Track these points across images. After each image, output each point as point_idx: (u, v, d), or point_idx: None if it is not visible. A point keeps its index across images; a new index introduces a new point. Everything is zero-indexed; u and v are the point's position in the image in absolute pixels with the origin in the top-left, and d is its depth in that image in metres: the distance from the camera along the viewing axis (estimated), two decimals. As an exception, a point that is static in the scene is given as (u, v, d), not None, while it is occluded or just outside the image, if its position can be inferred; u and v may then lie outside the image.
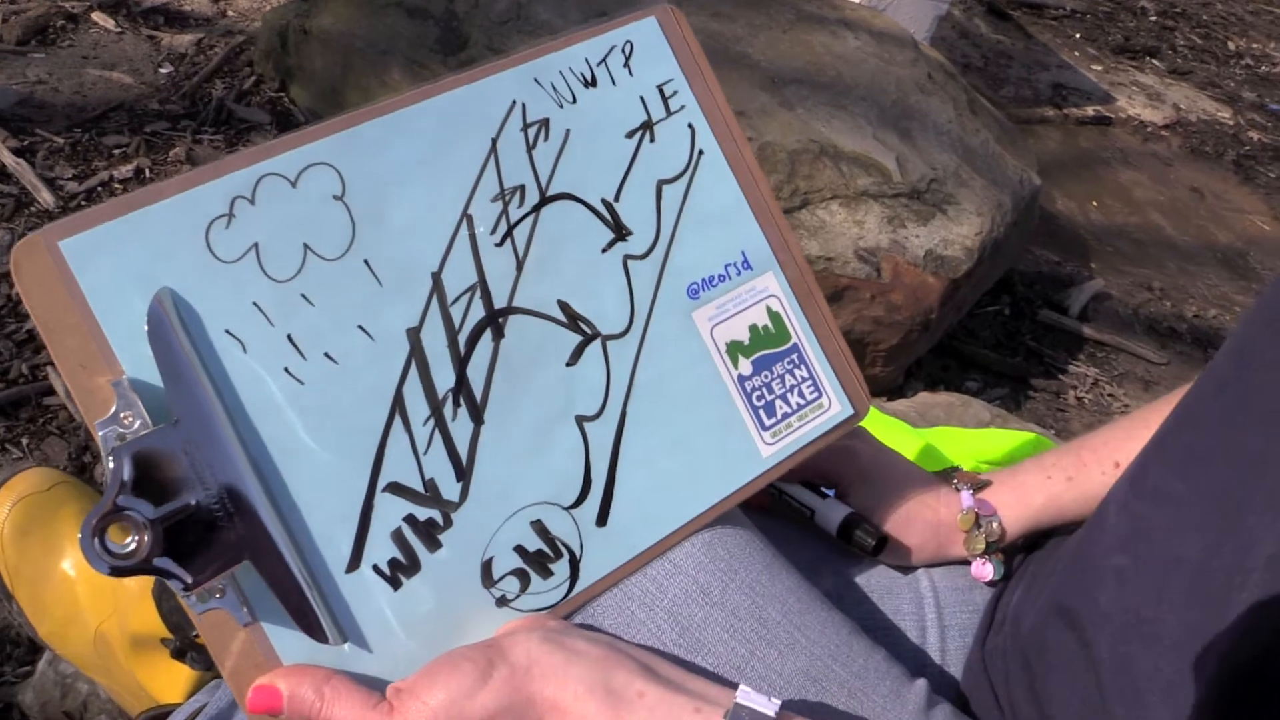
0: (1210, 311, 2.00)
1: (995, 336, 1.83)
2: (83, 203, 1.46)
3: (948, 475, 0.57)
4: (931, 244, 1.51)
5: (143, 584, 0.64)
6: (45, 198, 1.43)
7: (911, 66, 1.77)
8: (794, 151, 1.50)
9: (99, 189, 1.49)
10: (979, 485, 0.55)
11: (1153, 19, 3.18)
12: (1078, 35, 2.94)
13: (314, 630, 0.38)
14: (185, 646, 0.60)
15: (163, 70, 1.76)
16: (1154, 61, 2.93)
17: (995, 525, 0.54)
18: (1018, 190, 1.69)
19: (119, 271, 0.37)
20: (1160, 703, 0.40)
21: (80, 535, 0.35)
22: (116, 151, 1.56)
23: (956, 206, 1.56)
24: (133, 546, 0.35)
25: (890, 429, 0.86)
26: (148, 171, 1.53)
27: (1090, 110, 2.56)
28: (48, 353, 1.25)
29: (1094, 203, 2.32)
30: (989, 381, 1.76)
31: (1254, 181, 2.49)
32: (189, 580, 0.36)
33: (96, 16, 1.84)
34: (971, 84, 2.45)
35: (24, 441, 1.17)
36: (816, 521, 0.55)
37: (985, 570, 0.55)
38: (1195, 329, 1.95)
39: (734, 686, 0.38)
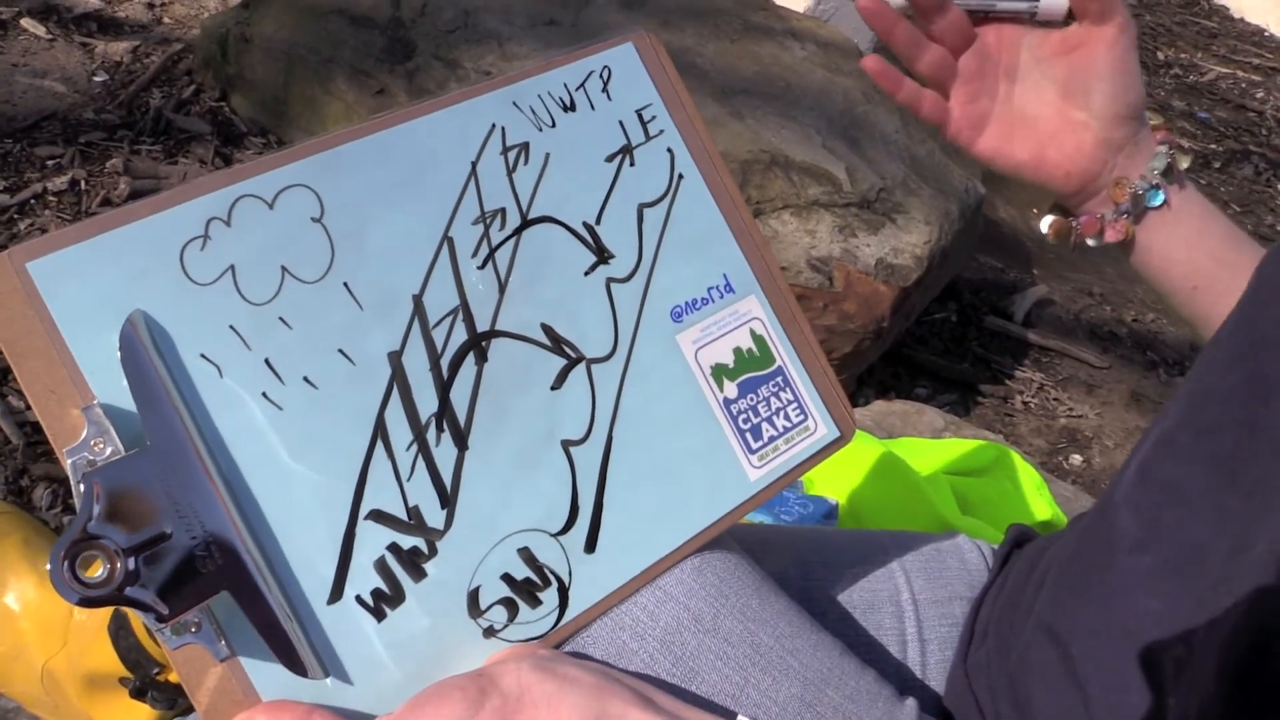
0: (1148, 316, 2.05)
1: (943, 343, 1.85)
2: (15, 216, 1.41)
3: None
4: (882, 253, 1.53)
5: (98, 621, 0.61)
6: (-25, 211, 1.38)
7: (858, 76, 1.79)
8: (745, 161, 1.51)
9: (32, 201, 1.44)
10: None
11: (1086, 30, 3.26)
12: (1015, 45, 3.00)
13: (294, 664, 0.37)
14: (146, 685, 0.58)
15: (97, 79, 1.71)
16: (1088, 72, 3.00)
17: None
18: (964, 199, 1.71)
19: (90, 294, 0.36)
20: (1145, 716, 0.40)
21: (50, 563, 0.33)
22: (50, 163, 1.51)
23: (905, 215, 1.58)
24: (103, 576, 0.34)
25: (855, 439, 0.86)
26: (83, 183, 1.48)
27: (1029, 119, 2.61)
28: (-18, 373, 1.20)
29: (1034, 210, 2.37)
30: (938, 388, 1.78)
31: (1185, 189, 2.56)
32: (164, 612, 0.34)
33: (26, 23, 1.79)
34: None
35: (-44, 465, 1.13)
36: (1041, 13, 0.55)
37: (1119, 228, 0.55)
38: (1135, 333, 2.00)
39: (731, 716, 0.38)
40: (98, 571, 0.34)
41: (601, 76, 0.47)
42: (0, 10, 1.80)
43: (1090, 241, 0.58)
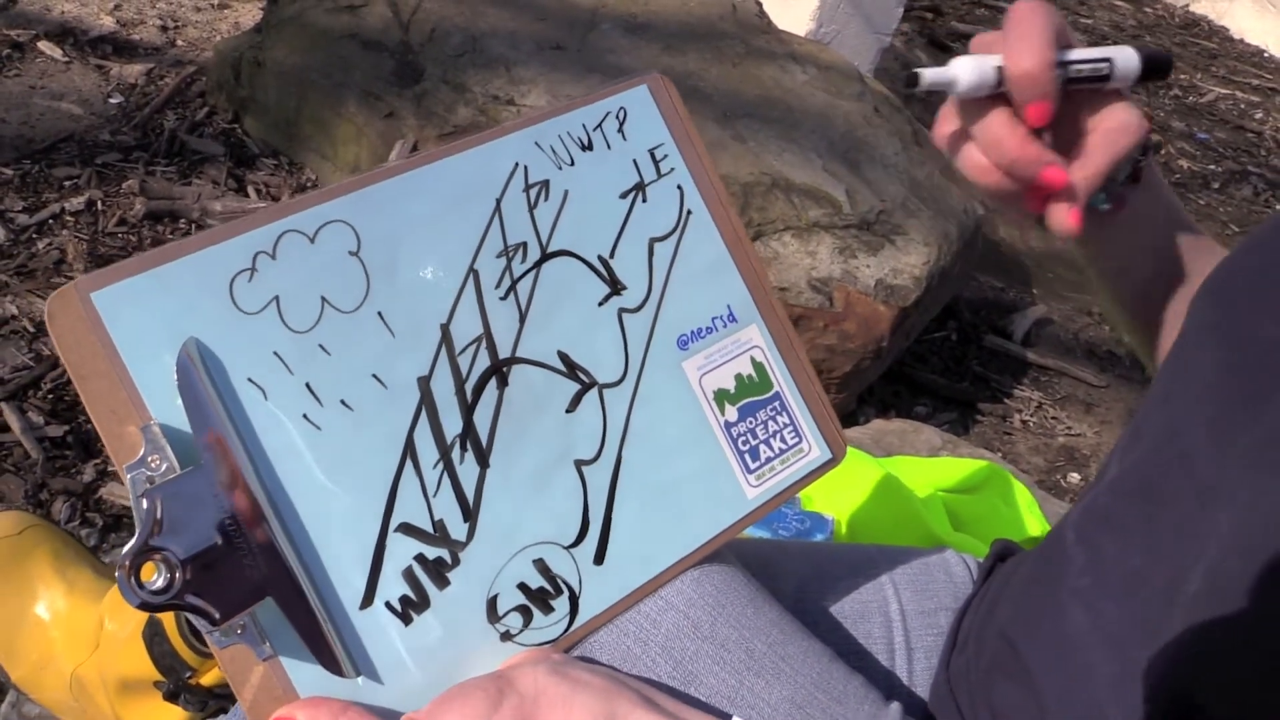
0: (1146, 336, 2.09)
1: (943, 362, 1.89)
2: (34, 235, 1.45)
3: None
4: (882, 274, 1.57)
5: (131, 630, 0.65)
6: (-5, 230, 1.42)
7: (858, 100, 1.84)
8: (747, 184, 1.55)
9: (50, 221, 1.48)
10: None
11: (1086, 51, 3.32)
12: (1015, 67, 3.06)
13: (330, 664, 0.41)
14: (178, 688, 0.61)
15: (112, 101, 1.75)
16: (1088, 92, 3.05)
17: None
18: (963, 220, 1.75)
19: (148, 322, 0.40)
20: None
21: (117, 573, 0.37)
22: (68, 183, 1.55)
23: (905, 237, 1.62)
24: (161, 584, 0.38)
25: (851, 458, 0.90)
26: (100, 204, 1.52)
27: (1029, 140, 2.66)
28: (1, 388, 1.24)
29: (1034, 229, 2.41)
30: (938, 406, 1.82)
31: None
32: (217, 616, 0.38)
33: (43, 46, 1.84)
34: (915, 115, 2.53)
35: (-23, 479, 1.16)
36: (1117, 70, 0.50)
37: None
38: (1133, 353, 2.03)
39: (727, 717, 0.41)
40: (152, 577, 0.38)
41: (618, 117, 0.50)
42: (18, 33, 1.85)
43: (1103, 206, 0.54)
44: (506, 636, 0.45)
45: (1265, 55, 3.63)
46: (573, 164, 0.48)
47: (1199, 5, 3.78)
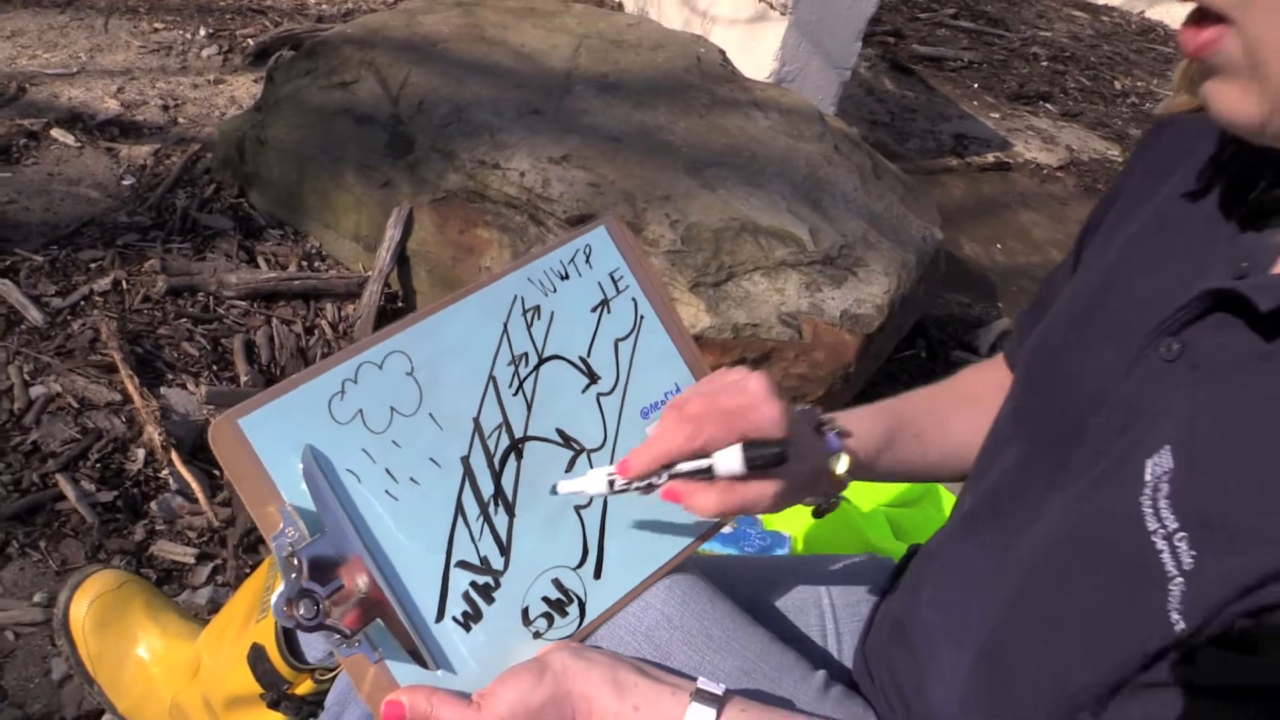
0: (1105, 342, 2.30)
1: (913, 379, 2.09)
2: (68, 317, 1.64)
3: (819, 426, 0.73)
4: (846, 304, 1.78)
5: (233, 658, 0.85)
6: (34, 315, 1.61)
7: (819, 141, 2.05)
8: (717, 230, 1.75)
9: (81, 303, 1.67)
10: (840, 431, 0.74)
11: (1044, 64, 3.55)
12: (975, 85, 3.28)
13: (419, 662, 0.61)
14: (279, 698, 0.82)
15: (125, 182, 1.96)
16: (1047, 106, 3.28)
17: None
18: (921, 247, 1.96)
19: (279, 435, 0.60)
20: (944, 687, 0.65)
21: (273, 606, 0.57)
22: (93, 265, 1.75)
23: (866, 269, 1.83)
24: (309, 614, 0.58)
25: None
26: (124, 283, 1.72)
27: (990, 157, 2.88)
28: (54, 460, 1.44)
29: (997, 245, 2.61)
30: (908, 421, 2.01)
31: (1144, 214, 2.83)
32: (348, 634, 0.58)
33: (56, 133, 2.04)
34: (879, 140, 2.74)
35: (42, 544, 1.35)
36: (718, 473, 0.63)
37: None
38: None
39: (694, 679, 0.62)
40: (299, 609, 0.58)
41: (584, 252, 0.71)
42: (31, 122, 2.06)
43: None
44: (537, 635, 0.65)
45: (1221, 55, 3.86)
46: (555, 290, 0.69)
47: (1154, 11, 4.02)
